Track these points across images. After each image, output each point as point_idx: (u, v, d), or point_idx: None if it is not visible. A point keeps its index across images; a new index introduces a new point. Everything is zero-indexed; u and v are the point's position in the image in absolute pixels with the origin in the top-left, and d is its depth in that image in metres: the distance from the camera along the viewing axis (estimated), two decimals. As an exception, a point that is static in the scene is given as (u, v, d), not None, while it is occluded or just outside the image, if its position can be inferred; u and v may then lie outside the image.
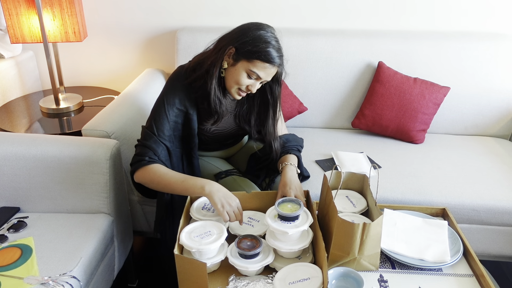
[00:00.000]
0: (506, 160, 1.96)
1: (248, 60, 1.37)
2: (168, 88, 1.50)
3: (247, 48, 1.36)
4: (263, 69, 1.37)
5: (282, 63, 1.43)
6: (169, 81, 1.52)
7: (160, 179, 1.40)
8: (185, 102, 1.48)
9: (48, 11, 1.99)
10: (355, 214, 1.37)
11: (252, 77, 1.39)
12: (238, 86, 1.42)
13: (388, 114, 2.08)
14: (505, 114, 2.16)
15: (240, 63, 1.38)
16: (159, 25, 2.38)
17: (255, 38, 1.36)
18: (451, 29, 2.26)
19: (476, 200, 1.70)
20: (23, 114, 2.20)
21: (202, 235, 1.22)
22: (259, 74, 1.38)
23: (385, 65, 2.12)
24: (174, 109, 1.47)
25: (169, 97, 1.47)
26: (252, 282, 1.17)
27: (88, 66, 2.53)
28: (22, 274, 1.28)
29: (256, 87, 1.43)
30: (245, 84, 1.41)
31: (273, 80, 1.47)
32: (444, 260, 1.26)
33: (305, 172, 1.73)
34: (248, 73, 1.39)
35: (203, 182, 1.34)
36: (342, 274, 1.18)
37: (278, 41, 1.41)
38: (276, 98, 1.53)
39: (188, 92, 1.48)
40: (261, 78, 1.40)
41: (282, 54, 1.41)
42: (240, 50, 1.37)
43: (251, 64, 1.37)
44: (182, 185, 1.37)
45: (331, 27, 2.30)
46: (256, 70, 1.37)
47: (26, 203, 1.59)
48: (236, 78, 1.40)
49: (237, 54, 1.38)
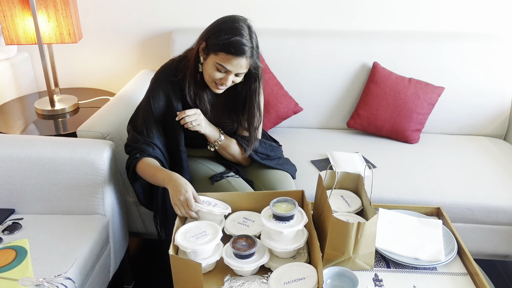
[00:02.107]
0: (500, 159, 1.97)
1: (214, 53, 1.38)
2: (154, 81, 1.54)
3: (213, 41, 1.38)
4: (228, 61, 1.36)
5: (252, 55, 1.40)
6: (157, 74, 1.55)
7: (146, 173, 1.47)
8: (169, 94, 1.51)
9: (43, 13, 1.99)
10: (349, 214, 1.37)
11: (221, 70, 1.39)
12: (212, 80, 1.43)
13: (383, 114, 2.09)
14: (499, 114, 2.17)
15: (209, 57, 1.40)
16: (154, 26, 2.38)
17: (221, 30, 1.37)
18: (446, 30, 2.27)
19: (470, 199, 1.71)
20: (18, 115, 2.19)
21: (197, 236, 1.23)
22: (225, 66, 1.37)
23: (380, 66, 2.13)
24: (159, 102, 1.51)
25: (154, 91, 1.52)
26: (247, 282, 1.17)
27: (84, 68, 2.53)
28: (16, 276, 1.27)
29: (230, 80, 1.42)
30: (217, 77, 1.41)
31: (249, 75, 1.47)
32: (439, 259, 1.27)
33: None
34: (217, 67, 1.39)
35: (165, 182, 1.37)
36: (337, 273, 1.18)
37: (249, 33, 1.38)
38: (252, 93, 1.52)
39: (174, 85, 1.51)
40: (230, 71, 1.39)
41: (252, 45, 1.39)
42: (209, 44, 1.40)
43: (217, 57, 1.38)
44: (154, 179, 1.43)
45: (326, 28, 2.30)
46: (222, 63, 1.37)
47: (21, 205, 1.59)
48: (208, 72, 1.42)
49: (207, 48, 1.40)
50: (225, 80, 1.42)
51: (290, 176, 1.67)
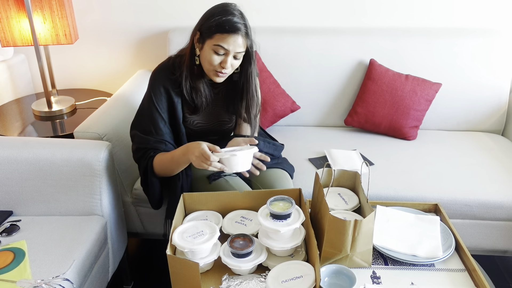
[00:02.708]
0: (498, 155, 1.97)
1: (210, 37, 1.40)
2: (153, 79, 1.54)
3: (206, 25, 1.40)
4: (224, 40, 1.38)
5: (247, 34, 1.42)
6: (155, 72, 1.56)
7: (164, 163, 1.49)
8: (169, 90, 1.52)
9: (39, 14, 1.99)
10: (347, 212, 1.37)
11: (219, 52, 1.41)
12: (212, 67, 1.44)
13: (380, 111, 2.09)
14: (497, 109, 2.17)
15: (206, 43, 1.42)
16: (150, 26, 2.37)
17: (212, 15, 1.40)
18: (442, 26, 2.27)
19: (468, 195, 1.71)
20: (15, 117, 2.19)
21: (195, 235, 1.23)
22: (223, 46, 1.39)
23: (377, 63, 2.12)
24: (161, 99, 1.52)
25: (155, 88, 1.52)
26: (245, 281, 1.17)
27: (80, 69, 2.53)
28: (15, 278, 1.27)
29: (229, 62, 1.43)
30: (216, 62, 1.42)
31: (245, 57, 1.49)
32: (437, 255, 1.27)
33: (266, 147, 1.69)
34: (214, 50, 1.41)
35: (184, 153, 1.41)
36: (335, 271, 1.18)
37: (240, 12, 1.42)
38: (249, 76, 1.53)
39: (172, 82, 1.52)
40: (229, 51, 1.40)
41: (246, 23, 1.41)
42: (202, 31, 1.42)
43: (213, 40, 1.40)
44: (171, 164, 1.47)
45: (322, 25, 2.30)
46: (219, 43, 1.39)
47: (18, 207, 1.59)
48: (207, 59, 1.43)
49: (202, 36, 1.43)
50: (224, 63, 1.42)
51: (287, 174, 1.67)
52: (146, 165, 1.53)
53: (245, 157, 1.34)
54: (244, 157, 1.34)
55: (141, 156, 1.55)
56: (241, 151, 1.34)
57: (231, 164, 1.33)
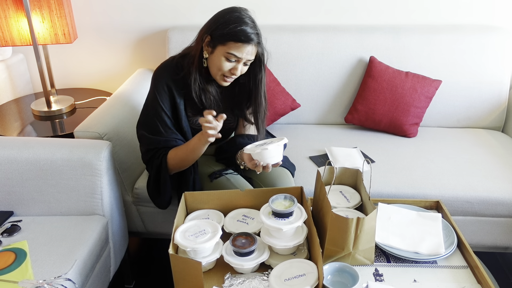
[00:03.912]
0: (498, 151, 1.97)
1: (223, 44, 1.40)
2: (156, 78, 1.54)
3: (219, 32, 1.39)
4: (238, 49, 1.39)
5: (260, 41, 1.43)
6: (158, 71, 1.55)
7: (179, 156, 1.50)
8: (172, 90, 1.52)
9: (37, 13, 1.98)
10: (349, 209, 1.37)
11: (231, 59, 1.41)
12: (221, 72, 1.44)
13: (380, 108, 2.08)
14: (497, 106, 2.17)
15: (217, 49, 1.42)
16: (149, 24, 2.37)
17: (226, 21, 1.39)
18: (442, 23, 2.27)
19: (469, 192, 1.71)
20: (14, 117, 2.18)
21: (197, 234, 1.22)
22: (236, 54, 1.40)
23: (377, 60, 2.12)
24: (166, 97, 1.52)
25: (158, 87, 1.52)
26: (248, 280, 1.17)
27: (79, 68, 2.52)
28: (16, 278, 1.27)
29: (240, 69, 1.44)
30: (227, 68, 1.43)
31: (255, 63, 1.49)
32: (439, 252, 1.27)
33: None
34: (226, 57, 1.41)
35: (201, 141, 1.43)
36: (337, 269, 1.18)
37: (252, 20, 1.42)
38: (258, 83, 1.53)
39: (176, 83, 1.52)
40: (241, 59, 1.41)
41: (258, 31, 1.42)
42: (215, 36, 1.41)
43: (226, 47, 1.40)
44: (190, 153, 1.48)
45: (322, 23, 2.30)
46: (232, 51, 1.39)
47: (19, 207, 1.58)
48: (217, 64, 1.43)
49: (213, 41, 1.42)
50: (235, 69, 1.43)
51: (289, 173, 1.67)
52: (159, 164, 1.53)
53: (276, 150, 1.36)
54: (276, 150, 1.36)
55: (152, 156, 1.55)
56: (272, 144, 1.36)
57: (264, 157, 1.35)
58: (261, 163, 1.37)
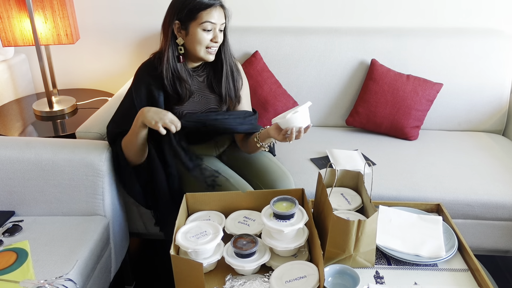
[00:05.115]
0: (499, 155, 1.97)
1: (194, 19, 1.46)
2: (135, 76, 1.59)
3: (185, 11, 1.45)
4: (209, 14, 1.45)
5: (223, 4, 1.50)
6: (138, 69, 1.60)
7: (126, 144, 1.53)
8: (150, 85, 1.55)
9: (40, 14, 1.98)
10: (350, 212, 1.37)
11: (207, 28, 1.47)
12: (204, 45, 1.49)
13: (381, 111, 2.09)
14: (498, 109, 2.17)
15: (190, 27, 1.47)
16: (151, 25, 2.37)
17: (185, 0, 1.46)
18: (443, 26, 2.27)
19: (470, 195, 1.71)
20: (16, 117, 2.19)
21: (198, 235, 1.23)
22: (210, 20, 1.46)
23: (378, 63, 2.13)
24: (140, 94, 1.55)
25: (135, 84, 1.57)
26: (249, 281, 1.17)
27: (81, 68, 2.52)
28: (18, 278, 1.27)
29: (219, 36, 1.50)
30: (208, 39, 1.49)
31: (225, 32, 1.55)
32: (439, 255, 1.27)
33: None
34: (203, 28, 1.47)
35: (136, 117, 1.46)
36: (338, 271, 1.18)
37: None
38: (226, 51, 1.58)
39: (155, 78, 1.55)
40: (215, 24, 1.47)
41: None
42: (183, 17, 1.47)
43: (198, 19, 1.46)
44: (131, 136, 1.50)
45: (324, 25, 2.30)
46: (205, 19, 1.45)
47: (21, 207, 1.59)
48: (197, 40, 1.48)
49: (183, 23, 1.48)
50: (215, 38, 1.49)
51: (289, 175, 1.67)
52: (117, 154, 1.56)
53: (304, 113, 1.40)
54: (305, 112, 1.40)
55: (114, 149, 1.58)
56: (299, 107, 1.40)
57: (294, 122, 1.38)
58: (293, 130, 1.39)
